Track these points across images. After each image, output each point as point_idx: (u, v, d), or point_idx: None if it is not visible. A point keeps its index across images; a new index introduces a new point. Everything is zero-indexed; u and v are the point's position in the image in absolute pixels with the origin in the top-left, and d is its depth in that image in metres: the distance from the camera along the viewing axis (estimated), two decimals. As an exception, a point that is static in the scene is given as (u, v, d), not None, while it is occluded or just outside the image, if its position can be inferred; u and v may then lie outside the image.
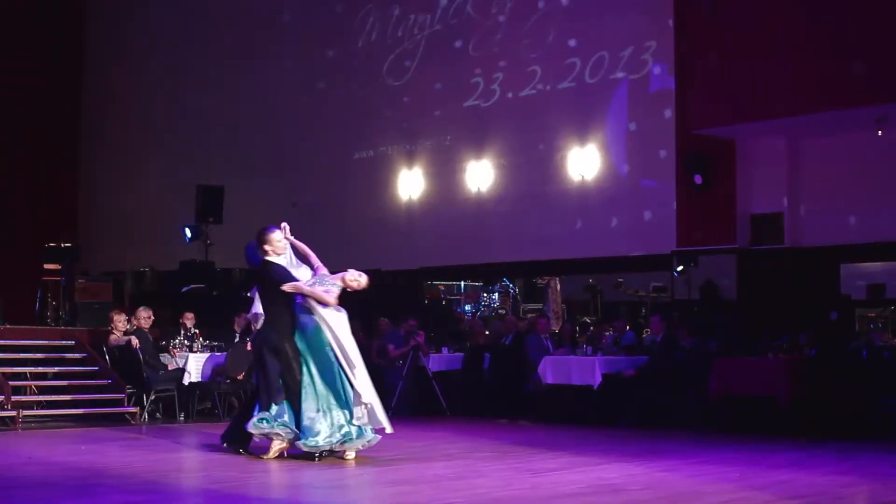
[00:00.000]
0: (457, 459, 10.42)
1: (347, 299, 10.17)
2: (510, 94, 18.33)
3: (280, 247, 10.23)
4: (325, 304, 9.97)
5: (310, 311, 10.02)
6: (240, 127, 21.76)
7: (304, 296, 10.02)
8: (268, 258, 10.16)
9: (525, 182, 18.11)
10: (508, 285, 20.13)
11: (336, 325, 9.99)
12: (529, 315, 18.48)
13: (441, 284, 20.15)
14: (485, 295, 20.18)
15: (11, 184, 22.47)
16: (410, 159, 19.47)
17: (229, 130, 21.95)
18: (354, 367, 9.94)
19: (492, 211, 18.36)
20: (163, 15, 23.64)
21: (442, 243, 18.78)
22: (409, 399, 15.83)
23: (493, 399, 15.52)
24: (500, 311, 19.64)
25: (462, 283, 20.42)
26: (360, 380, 9.95)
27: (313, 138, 20.78)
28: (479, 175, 18.48)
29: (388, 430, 10.08)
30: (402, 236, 19.35)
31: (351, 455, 9.87)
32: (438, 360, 16.28)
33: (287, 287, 9.97)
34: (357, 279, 10.29)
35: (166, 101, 23.18)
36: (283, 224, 10.35)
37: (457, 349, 16.77)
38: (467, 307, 20.06)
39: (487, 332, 16.84)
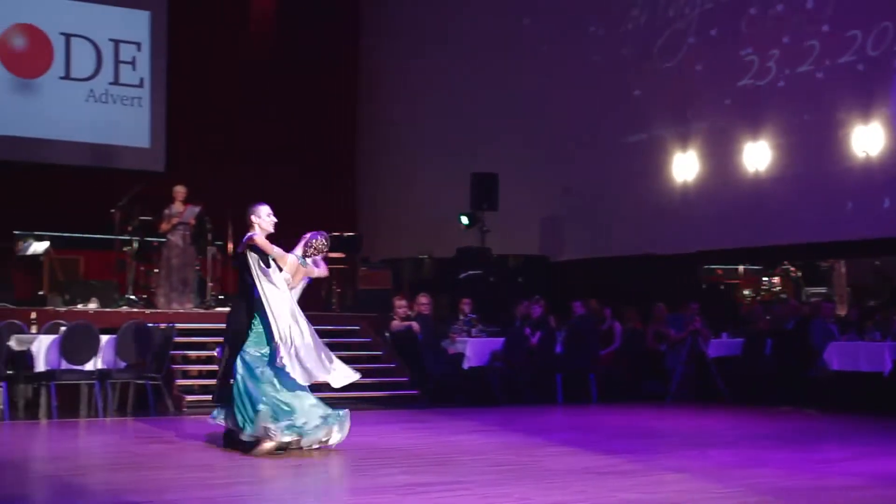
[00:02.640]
0: (737, 446, 10.24)
1: (624, 286, 10.10)
2: (787, 71, 17.73)
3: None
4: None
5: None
6: (511, 115, 21.96)
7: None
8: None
9: (805, 161, 17.47)
10: (789, 269, 19.57)
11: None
12: (813, 299, 17.92)
13: (719, 268, 19.78)
14: (764, 279, 19.69)
15: (299, 180, 23.41)
16: (684, 141, 19.14)
17: (501, 119, 22.18)
18: None
19: (770, 192, 17.81)
20: (431, 11, 24.14)
21: (719, 227, 18.37)
22: (688, 384, 15.70)
23: (774, 385, 15.15)
24: (780, 295, 19.13)
25: (741, 267, 19.99)
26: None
27: (585, 123, 20.73)
28: (756, 156, 17.96)
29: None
30: (678, 220, 19.04)
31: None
32: (718, 346, 16.02)
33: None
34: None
35: (437, 95, 23.66)
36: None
37: (736, 334, 16.45)
38: (746, 291, 19.62)
39: (768, 318, 16.43)
